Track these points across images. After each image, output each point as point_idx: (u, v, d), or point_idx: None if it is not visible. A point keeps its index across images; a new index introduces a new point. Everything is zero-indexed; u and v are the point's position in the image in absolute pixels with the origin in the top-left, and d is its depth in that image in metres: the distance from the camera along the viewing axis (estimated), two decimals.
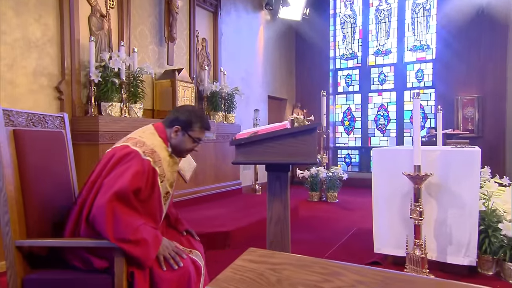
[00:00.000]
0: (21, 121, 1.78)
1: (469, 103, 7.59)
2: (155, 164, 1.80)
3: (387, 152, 3.21)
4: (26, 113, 1.83)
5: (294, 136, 1.60)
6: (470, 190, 2.88)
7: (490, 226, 2.99)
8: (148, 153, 1.79)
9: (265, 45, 8.25)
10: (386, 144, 8.76)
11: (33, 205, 1.71)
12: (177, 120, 1.91)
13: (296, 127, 1.60)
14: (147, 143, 1.82)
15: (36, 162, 1.78)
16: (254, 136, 1.61)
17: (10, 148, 1.67)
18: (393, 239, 3.14)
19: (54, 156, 1.95)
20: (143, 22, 5.00)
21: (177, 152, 1.96)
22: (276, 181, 1.74)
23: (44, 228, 1.75)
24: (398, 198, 3.12)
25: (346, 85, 9.30)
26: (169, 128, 1.92)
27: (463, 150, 2.95)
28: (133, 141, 1.83)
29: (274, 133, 1.60)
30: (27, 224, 1.67)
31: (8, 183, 1.61)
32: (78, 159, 3.94)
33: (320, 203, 6.41)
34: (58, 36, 3.97)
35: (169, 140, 1.92)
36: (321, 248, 3.71)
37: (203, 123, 1.94)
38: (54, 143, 1.99)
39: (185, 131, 1.90)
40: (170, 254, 1.71)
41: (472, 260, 2.90)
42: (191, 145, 1.94)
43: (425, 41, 8.32)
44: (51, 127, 2.02)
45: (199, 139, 1.94)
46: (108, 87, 4.03)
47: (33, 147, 1.78)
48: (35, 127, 1.88)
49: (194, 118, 1.92)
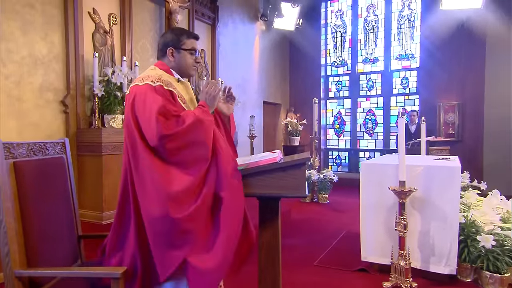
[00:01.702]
0: (22, 152, 1.72)
1: (450, 109, 7.56)
2: (168, 87, 1.73)
3: (374, 166, 3.16)
4: (27, 144, 1.77)
5: (283, 170, 1.55)
6: (451, 203, 2.85)
7: (469, 236, 2.96)
8: (156, 80, 1.71)
9: (260, 54, 8.17)
10: (373, 146, 8.74)
11: (34, 235, 1.64)
12: (165, 45, 1.83)
13: (285, 162, 1.54)
14: (151, 74, 1.74)
15: (37, 192, 1.71)
16: (245, 170, 1.55)
17: (10, 180, 1.60)
18: (379, 248, 3.11)
19: (55, 183, 1.89)
20: (144, 36, 4.92)
21: (184, 72, 1.87)
22: (267, 209, 1.69)
23: (45, 256, 1.69)
24: (384, 210, 3.08)
25: (336, 91, 9.25)
26: (164, 57, 1.85)
27: (444, 167, 2.90)
28: (140, 78, 1.75)
29: (264, 167, 1.55)
30: (28, 254, 1.61)
31: (8, 215, 1.55)
32: (83, 170, 3.91)
33: (311, 204, 6.36)
34: (63, 53, 3.90)
35: (170, 66, 1.84)
36: (312, 253, 3.66)
37: (188, 33, 1.87)
38: (55, 170, 1.92)
39: (177, 48, 1.82)
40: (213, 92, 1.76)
41: (453, 269, 2.87)
42: (191, 59, 1.85)
43: (410, 51, 8.28)
44: (52, 153, 1.95)
45: (193, 48, 1.85)
46: (110, 100, 3.97)
47: (34, 177, 1.72)
48: (36, 156, 1.81)
49: (177, 33, 1.85)
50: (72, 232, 2.00)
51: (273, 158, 1.58)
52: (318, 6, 9.07)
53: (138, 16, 4.79)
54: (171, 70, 1.84)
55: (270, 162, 1.56)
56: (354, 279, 3.05)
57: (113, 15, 4.41)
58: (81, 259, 2.07)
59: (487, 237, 2.75)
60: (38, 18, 3.68)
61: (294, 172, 1.54)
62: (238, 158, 1.82)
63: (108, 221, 3.74)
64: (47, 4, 3.76)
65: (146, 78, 1.72)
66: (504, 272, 2.80)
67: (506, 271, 2.81)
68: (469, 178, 5.26)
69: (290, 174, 1.54)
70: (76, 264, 1.99)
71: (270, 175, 1.56)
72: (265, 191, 1.57)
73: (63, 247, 1.87)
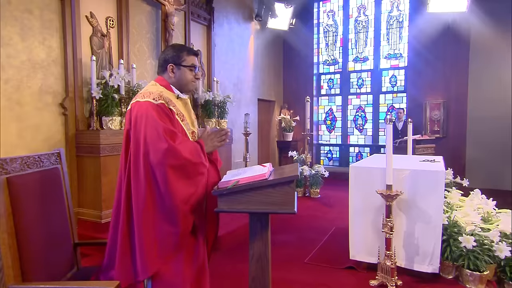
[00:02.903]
0: (16, 167, 1.66)
1: (435, 107, 7.53)
2: (169, 104, 1.68)
3: (362, 170, 3.12)
4: (21, 158, 1.70)
5: (273, 187, 1.51)
6: (435, 206, 2.83)
7: (452, 236, 2.95)
8: (157, 98, 1.66)
9: (255, 53, 8.07)
10: (363, 142, 8.72)
11: (28, 248, 1.60)
12: (166, 61, 1.78)
13: (275, 179, 1.50)
14: (152, 91, 1.69)
15: (31, 205, 1.66)
16: (236, 187, 1.51)
17: (3, 196, 1.54)
18: (366, 247, 3.09)
19: (50, 194, 1.83)
20: (141, 39, 4.82)
21: (183, 87, 1.81)
22: (257, 222, 1.65)
23: (41, 267, 1.64)
24: (372, 211, 3.06)
25: (328, 88, 9.18)
26: (164, 73, 1.79)
27: (429, 171, 2.87)
28: (141, 95, 1.69)
29: (254, 184, 1.50)
30: (22, 268, 1.56)
31: (1, 231, 1.50)
32: (82, 170, 3.85)
33: (304, 198, 6.35)
34: (61, 57, 3.80)
35: (170, 82, 1.78)
36: (302, 250, 3.65)
37: (188, 49, 1.81)
38: (50, 181, 1.86)
39: (177, 64, 1.77)
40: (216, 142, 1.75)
41: (435, 268, 2.86)
42: (191, 75, 1.80)
43: (398, 50, 8.21)
44: (46, 165, 1.89)
45: (193, 65, 1.80)
46: (108, 103, 3.88)
47: (28, 190, 1.66)
48: (30, 169, 1.75)
49: (178, 50, 1.79)
50: (68, 240, 1.95)
51: (262, 174, 1.53)
52: (310, 7, 8.94)
53: (135, 19, 4.68)
54: (171, 86, 1.79)
55: (260, 178, 1.52)
56: (343, 277, 3.04)
57: (110, 18, 4.30)
58: (78, 266, 2.02)
59: (468, 238, 2.74)
60: (36, 23, 3.58)
61: (283, 189, 1.50)
62: (229, 171, 1.78)
63: (107, 219, 3.69)
64: (45, 9, 3.65)
65: (148, 95, 1.67)
66: (483, 270, 2.80)
67: (485, 269, 2.81)
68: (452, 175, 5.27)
69: (279, 191, 1.50)
70: (72, 271, 1.95)
71: (260, 191, 1.51)
72: (254, 207, 1.53)
73: (58, 256, 1.82)
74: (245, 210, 1.53)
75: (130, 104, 1.70)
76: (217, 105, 5.89)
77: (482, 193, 3.54)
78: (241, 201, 1.53)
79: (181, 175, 1.55)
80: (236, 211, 1.53)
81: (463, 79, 7.20)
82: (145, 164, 1.55)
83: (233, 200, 1.53)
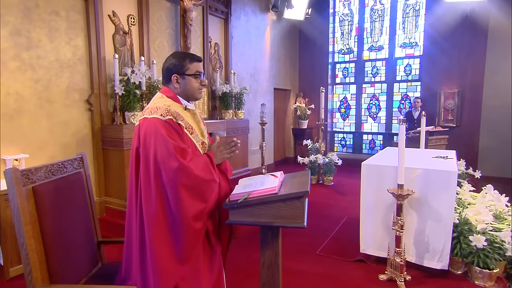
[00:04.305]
0: (40, 176, 1.66)
1: (450, 96, 7.20)
2: (177, 119, 1.59)
3: (374, 168, 3.01)
4: (45, 166, 1.70)
5: (283, 201, 1.45)
6: (447, 205, 2.72)
7: (462, 233, 2.84)
8: (165, 113, 1.56)
9: (271, 43, 7.86)
10: (376, 129, 8.49)
11: (54, 251, 1.61)
12: (170, 71, 1.66)
13: (285, 194, 1.44)
14: (160, 106, 1.59)
15: (56, 210, 1.67)
16: (246, 201, 1.46)
17: (29, 205, 1.56)
18: (376, 242, 3.03)
19: (73, 198, 1.84)
20: (161, 34, 4.74)
21: (190, 96, 1.70)
22: (268, 231, 1.61)
23: (66, 267, 1.67)
24: (383, 209, 2.97)
25: (343, 77, 8.90)
26: (169, 83, 1.68)
27: (442, 171, 2.74)
28: (148, 111, 1.60)
29: (265, 199, 1.45)
30: (49, 270, 1.59)
31: (28, 237, 1.52)
32: (108, 162, 3.90)
33: (317, 186, 6.29)
34: (86, 55, 3.79)
35: (177, 92, 1.68)
36: (314, 240, 3.62)
37: (190, 57, 1.68)
38: (73, 186, 1.87)
39: (182, 74, 1.65)
40: (225, 154, 1.69)
41: (445, 265, 2.78)
42: (197, 83, 1.69)
43: (414, 39, 7.81)
44: (70, 170, 1.89)
45: (198, 72, 1.68)
46: (130, 98, 3.87)
47: (52, 197, 1.67)
48: (55, 176, 1.76)
49: (180, 59, 1.66)
50: (92, 239, 1.97)
51: (273, 188, 1.48)
52: None
53: (154, 16, 4.60)
54: (178, 97, 1.68)
55: (270, 192, 1.46)
56: (352, 269, 3.00)
57: (132, 16, 4.24)
58: (102, 262, 2.06)
59: (479, 238, 2.63)
60: (62, 24, 3.56)
61: (293, 203, 1.44)
62: (241, 180, 1.73)
63: None
64: (70, 10, 3.62)
65: (155, 110, 1.58)
66: (493, 268, 2.70)
67: (495, 267, 2.71)
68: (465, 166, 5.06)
69: (289, 205, 1.45)
70: (97, 267, 1.98)
71: (270, 205, 1.46)
72: (265, 220, 1.48)
73: (83, 255, 1.85)
74: (255, 223, 1.48)
75: (139, 120, 1.62)
76: (234, 96, 5.81)
77: (494, 182, 3.37)
78: (251, 214, 1.48)
79: (193, 193, 1.49)
80: (246, 223, 1.49)
81: (479, 67, 6.81)
82: (156, 182, 1.49)
83: (244, 213, 1.49)
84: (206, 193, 1.53)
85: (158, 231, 1.49)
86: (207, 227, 1.61)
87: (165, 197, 1.49)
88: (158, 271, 1.48)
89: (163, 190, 1.49)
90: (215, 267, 1.70)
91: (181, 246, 1.50)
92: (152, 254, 1.49)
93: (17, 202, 1.50)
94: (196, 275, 1.57)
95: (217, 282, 1.70)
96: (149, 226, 1.49)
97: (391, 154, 3.53)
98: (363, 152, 8.62)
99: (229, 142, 1.69)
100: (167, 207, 1.49)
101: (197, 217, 1.50)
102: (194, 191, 1.49)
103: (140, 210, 1.54)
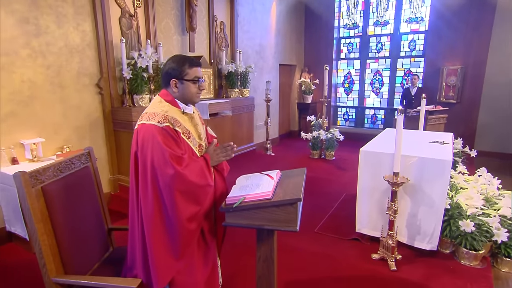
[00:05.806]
0: (49, 175, 1.66)
1: (452, 72, 6.89)
2: (174, 126, 1.54)
3: (372, 154, 2.95)
4: (53, 166, 1.70)
5: (277, 206, 1.43)
6: (439, 192, 2.68)
7: (453, 217, 2.83)
8: (162, 120, 1.52)
9: (277, 19, 7.51)
10: (379, 104, 8.27)
11: (66, 243, 1.65)
12: (168, 75, 1.61)
13: (278, 201, 1.42)
14: (157, 112, 1.55)
15: (66, 206, 1.69)
16: (241, 206, 1.44)
17: (39, 204, 1.57)
18: (371, 223, 3.04)
19: (82, 192, 1.86)
20: (167, 15, 4.55)
21: (188, 100, 1.65)
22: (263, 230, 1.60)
23: (79, 256, 1.71)
24: (378, 193, 2.95)
25: (347, 52, 8.56)
26: (168, 87, 1.63)
27: (437, 159, 2.67)
28: (146, 116, 1.55)
29: (259, 204, 1.43)
30: (63, 261, 1.64)
31: (41, 233, 1.55)
32: (119, 143, 3.92)
33: (319, 160, 6.26)
34: (94, 40, 3.68)
35: (175, 96, 1.63)
36: (313, 218, 3.65)
37: (189, 62, 1.61)
38: (82, 180, 1.88)
39: (180, 79, 1.60)
40: (221, 157, 1.66)
41: (434, 246, 2.80)
42: (195, 88, 1.63)
43: (420, 14, 7.37)
44: (78, 165, 1.89)
45: (197, 77, 1.62)
46: (138, 82, 3.80)
47: (61, 194, 1.68)
48: (63, 173, 1.76)
49: (179, 63, 1.59)
50: (102, 227, 2.01)
51: (267, 193, 1.45)
52: None
53: None
54: (176, 101, 1.63)
55: (265, 197, 1.44)
56: (347, 248, 3.04)
57: None
58: (113, 246, 2.11)
59: (468, 223, 2.62)
60: (70, 10, 3.42)
61: (286, 208, 1.43)
62: (238, 179, 1.71)
63: None
64: None
65: (153, 116, 1.53)
66: (479, 250, 2.71)
67: (482, 248, 2.71)
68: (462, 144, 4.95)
69: (283, 210, 1.43)
70: (109, 252, 2.03)
71: (264, 209, 1.45)
72: (259, 223, 1.47)
73: (95, 243, 1.89)
74: (250, 226, 1.48)
75: (137, 124, 1.58)
76: (239, 75, 5.66)
77: (491, 157, 3.29)
78: (247, 217, 1.48)
79: (188, 197, 1.50)
80: (242, 226, 1.49)
81: (484, 43, 6.44)
82: (153, 187, 1.49)
83: (239, 216, 1.48)
84: (201, 197, 1.54)
85: (155, 231, 1.52)
86: (203, 227, 1.63)
87: (162, 201, 1.50)
88: (156, 267, 1.53)
89: (159, 194, 1.50)
90: (209, 261, 1.73)
91: (176, 245, 1.53)
92: (150, 251, 1.53)
93: (27, 203, 1.51)
94: (191, 270, 1.62)
95: (211, 275, 1.74)
96: (147, 226, 1.53)
97: (389, 138, 3.44)
98: (364, 126, 8.48)
99: (226, 146, 1.67)
100: (164, 210, 1.51)
101: (191, 219, 1.53)
102: (188, 196, 1.50)
103: (141, 211, 1.55)
